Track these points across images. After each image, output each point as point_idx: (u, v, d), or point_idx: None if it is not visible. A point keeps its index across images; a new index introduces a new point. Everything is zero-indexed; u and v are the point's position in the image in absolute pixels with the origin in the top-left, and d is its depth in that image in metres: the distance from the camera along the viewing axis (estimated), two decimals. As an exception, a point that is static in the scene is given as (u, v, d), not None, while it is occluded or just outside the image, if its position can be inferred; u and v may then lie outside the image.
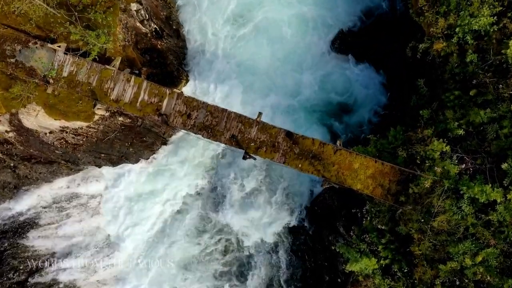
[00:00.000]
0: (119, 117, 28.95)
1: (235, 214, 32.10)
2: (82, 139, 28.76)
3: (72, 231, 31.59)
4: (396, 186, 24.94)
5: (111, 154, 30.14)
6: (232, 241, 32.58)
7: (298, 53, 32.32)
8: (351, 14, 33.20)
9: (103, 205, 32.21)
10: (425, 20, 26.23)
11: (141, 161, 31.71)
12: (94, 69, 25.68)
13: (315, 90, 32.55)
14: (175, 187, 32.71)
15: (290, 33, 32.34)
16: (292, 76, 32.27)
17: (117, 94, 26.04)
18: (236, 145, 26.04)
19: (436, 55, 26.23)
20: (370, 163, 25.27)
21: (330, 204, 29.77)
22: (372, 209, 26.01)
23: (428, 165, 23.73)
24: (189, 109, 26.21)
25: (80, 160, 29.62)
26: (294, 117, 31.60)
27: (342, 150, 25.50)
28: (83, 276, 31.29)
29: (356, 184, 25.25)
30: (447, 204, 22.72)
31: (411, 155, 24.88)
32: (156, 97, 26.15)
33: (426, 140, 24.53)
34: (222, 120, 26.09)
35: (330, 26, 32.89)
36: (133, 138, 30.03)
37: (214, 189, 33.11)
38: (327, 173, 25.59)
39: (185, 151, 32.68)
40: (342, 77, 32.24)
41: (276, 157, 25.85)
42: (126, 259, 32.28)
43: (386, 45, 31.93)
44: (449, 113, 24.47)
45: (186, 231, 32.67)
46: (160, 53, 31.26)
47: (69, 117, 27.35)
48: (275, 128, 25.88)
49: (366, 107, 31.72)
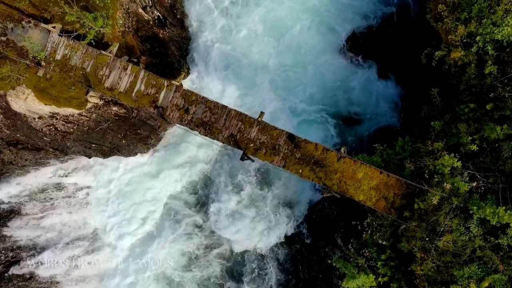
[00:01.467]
0: (113, 107, 27.69)
1: (228, 218, 30.79)
2: (73, 127, 27.49)
3: (56, 223, 30.30)
4: (400, 200, 23.74)
5: (102, 145, 28.87)
6: (223, 246, 31.27)
7: (306, 52, 31.06)
8: (364, 16, 31.91)
9: (91, 198, 30.92)
10: (443, 26, 24.94)
11: (133, 155, 30.38)
12: (89, 53, 24.42)
13: (321, 92, 31.29)
14: (167, 186, 31.39)
15: (301, 30, 31.05)
16: (299, 77, 31.05)
17: (112, 82, 24.79)
18: (234, 144, 24.79)
19: (452, 64, 25.01)
20: (375, 173, 24.05)
21: (329, 214, 28.52)
22: (373, 222, 24.81)
23: (436, 180, 22.58)
24: (187, 103, 24.94)
25: (69, 149, 28.34)
26: (297, 118, 30.33)
27: (346, 158, 24.26)
28: (64, 271, 30.00)
29: (359, 195, 24.03)
30: (454, 224, 21.55)
31: (419, 168, 23.70)
32: (153, 88, 24.90)
33: (436, 153, 23.35)
34: (221, 117, 24.82)
35: (342, 26, 31.58)
36: (126, 129, 28.77)
37: (208, 190, 31.77)
38: (328, 181, 24.34)
39: (180, 147, 31.39)
40: (351, 80, 30.96)
41: (276, 160, 24.61)
42: (111, 256, 30.97)
43: (398, 50, 30.67)
44: (463, 126, 23.26)
45: (175, 235, 31.32)
46: (161, 43, 29.99)
47: (60, 103, 26.14)
48: (277, 130, 24.64)
49: (374, 113, 30.44)
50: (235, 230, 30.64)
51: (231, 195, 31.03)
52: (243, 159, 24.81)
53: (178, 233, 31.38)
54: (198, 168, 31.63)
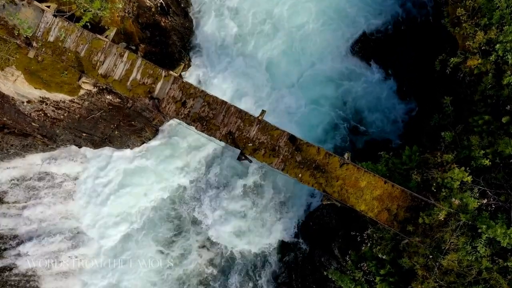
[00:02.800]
0: (107, 95, 26.49)
1: (221, 219, 29.52)
2: (63, 114, 26.29)
3: (40, 214, 29.01)
4: (404, 212, 22.54)
5: (93, 134, 27.64)
6: (213, 249, 29.95)
7: (315, 50, 29.81)
8: (376, 17, 30.67)
9: (78, 189, 29.62)
10: (461, 31, 23.78)
11: (126, 147, 29.13)
12: (85, 37, 23.22)
13: (326, 94, 30.08)
14: (159, 181, 30.08)
15: (312, 27, 29.79)
16: (306, 76, 29.75)
17: (107, 69, 23.59)
18: (232, 143, 23.58)
19: (467, 73, 23.79)
20: (379, 183, 22.84)
21: (327, 222, 27.33)
22: (374, 234, 23.64)
23: (444, 195, 21.41)
24: (185, 96, 23.72)
25: (58, 136, 27.14)
26: (299, 119, 29.10)
27: (350, 165, 23.06)
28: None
29: (360, 204, 22.82)
30: (460, 242, 20.41)
31: (426, 180, 22.53)
32: (150, 78, 23.69)
33: (445, 166, 22.17)
34: (220, 113, 23.61)
35: (353, 27, 30.36)
36: (120, 120, 27.55)
37: (202, 188, 30.47)
38: (329, 188, 23.14)
39: (176, 142, 30.12)
40: (358, 82, 29.78)
41: (275, 162, 23.40)
42: (94, 252, 29.68)
43: (410, 54, 29.48)
44: (475, 139, 22.10)
45: (164, 233, 30.03)
46: (163, 31, 28.76)
47: (51, 88, 25.02)
48: (278, 130, 23.44)
49: (381, 119, 29.25)
50: (227, 232, 29.37)
51: (225, 195, 29.75)
52: (240, 159, 23.63)
53: (167, 232, 30.08)
54: (193, 165, 30.36)
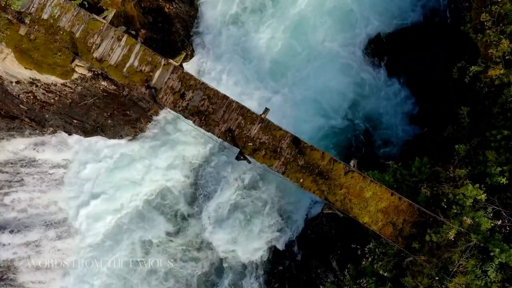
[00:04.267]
0: (102, 81, 25.16)
1: (213, 220, 28.11)
2: (54, 98, 24.95)
3: (23, 202, 27.64)
4: (410, 228, 21.24)
5: (85, 122, 26.31)
6: (202, 252, 28.47)
7: (325, 49, 28.41)
8: (392, 18, 29.30)
9: (65, 178, 28.23)
10: (483, 39, 22.42)
11: (118, 137, 27.74)
12: (81, 17, 21.88)
13: (334, 96, 28.71)
14: (151, 176, 28.68)
15: (323, 25, 28.45)
16: (312, 75, 28.42)
17: (103, 53, 22.24)
18: (231, 141, 22.23)
19: (488, 83, 22.41)
20: (385, 194, 21.53)
21: (326, 231, 26.00)
22: (376, 249, 22.35)
23: (455, 212, 20.21)
24: (184, 87, 22.37)
25: (47, 121, 25.80)
26: (302, 120, 27.75)
27: (355, 173, 21.73)
28: (24, 257, 27.38)
29: (364, 216, 21.51)
30: (470, 264, 19.22)
31: (436, 195, 21.32)
32: (148, 65, 22.35)
33: (458, 181, 20.96)
34: (220, 108, 22.25)
35: (366, 28, 28.95)
36: (114, 109, 26.22)
37: (196, 186, 29.07)
38: (331, 196, 21.80)
39: (172, 136, 28.72)
40: (367, 86, 28.46)
41: (275, 164, 22.07)
42: (78, 246, 28.30)
43: (425, 59, 28.07)
44: (491, 154, 20.84)
45: (152, 232, 28.58)
46: (166, 18, 27.41)
47: (43, 69, 23.73)
48: (281, 131, 22.10)
49: (390, 126, 27.93)
50: (218, 235, 28.00)
51: (220, 195, 28.34)
52: (238, 158, 22.31)
53: (156, 231, 28.69)
54: (188, 161, 28.96)
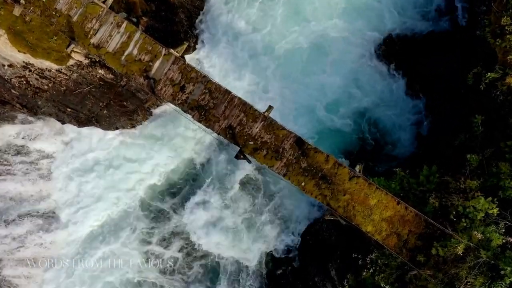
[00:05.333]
0: (99, 69, 24.13)
1: (208, 221, 27.05)
2: (48, 84, 23.93)
3: (9, 191, 26.60)
4: (416, 240, 20.28)
5: (79, 111, 25.29)
6: (194, 254, 27.34)
7: (335, 47, 27.40)
8: (405, 19, 28.27)
9: (56, 169, 27.19)
10: (502, 44, 21.50)
11: (113, 129, 26.70)
12: (80, 0, 20.78)
13: (341, 98, 27.71)
14: (145, 172, 27.63)
15: (335, 22, 27.46)
16: (322, 72, 27.40)
17: (100, 39, 21.24)
18: (231, 139, 21.23)
19: (505, 91, 21.41)
20: (391, 203, 20.54)
21: (326, 238, 25.00)
22: (378, 260, 21.37)
23: (464, 225, 19.32)
24: (184, 79, 21.36)
25: (40, 108, 24.79)
26: (307, 120, 26.75)
27: (360, 179, 20.74)
28: (7, 249, 26.34)
29: (367, 224, 20.52)
30: (478, 282, 18.32)
31: (444, 206, 20.37)
32: (147, 54, 21.35)
33: (468, 193, 20.01)
34: (221, 104, 21.24)
35: (379, 28, 27.96)
36: (110, 99, 25.21)
37: (192, 185, 28.01)
38: (334, 202, 20.80)
39: (170, 130, 27.67)
40: (376, 89, 27.46)
41: (277, 165, 21.07)
42: (65, 242, 27.25)
43: (438, 63, 27.06)
44: (505, 166, 19.92)
45: (143, 231, 27.54)
46: (169, 7, 26.42)
47: (37, 53, 22.71)
48: (284, 130, 21.10)
49: (398, 132, 26.97)
50: (213, 237, 26.93)
51: (217, 195, 27.29)
52: (238, 157, 21.31)
53: (146, 230, 27.65)
54: (185, 158, 27.89)
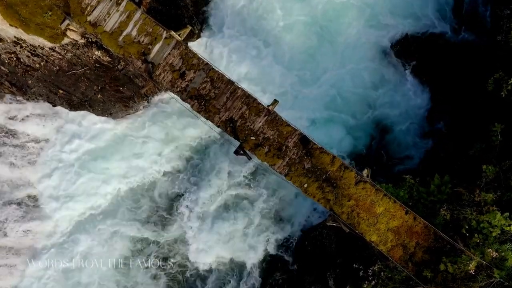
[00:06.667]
0: (96, 51, 22.81)
1: (200, 220, 25.65)
2: (40, 63, 22.62)
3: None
4: (423, 253, 19.01)
5: (72, 94, 23.96)
6: (184, 254, 25.92)
7: (348, 44, 26.18)
8: (423, 19, 26.97)
9: (43, 155, 25.78)
10: (527, 49, 20.07)
11: (107, 115, 25.33)
12: (78, -27, 19.53)
13: (350, 97, 26.46)
14: (138, 163, 26.17)
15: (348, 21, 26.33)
16: (332, 73, 26.12)
17: (98, 17, 19.99)
18: (231, 132, 19.92)
19: (528, 99, 20.15)
20: (399, 212, 19.27)
21: (325, 245, 23.67)
22: (381, 272, 20.07)
23: (476, 241, 18.13)
24: (185, 66, 20.04)
25: (29, 88, 23.47)
26: (312, 118, 25.44)
27: (368, 184, 19.43)
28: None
29: (372, 234, 19.22)
30: (490, 304, 16.74)
31: (456, 219, 19.14)
32: (147, 36, 20.06)
33: (483, 206, 18.80)
34: (223, 94, 19.92)
35: (394, 27, 26.66)
36: (106, 83, 23.89)
37: (186, 179, 26.57)
38: (337, 207, 19.48)
39: (167, 119, 26.28)
40: (388, 89, 26.27)
41: (278, 164, 19.75)
42: (47, 232, 25.85)
43: (455, 67, 25.74)
44: (525, 180, 18.46)
45: (130, 227, 26.13)
46: (175, -11, 24.97)
47: (30, 29, 21.47)
48: (289, 127, 19.80)
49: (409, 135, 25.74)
50: (202, 238, 25.54)
51: (212, 192, 25.88)
52: (237, 153, 20.02)
53: (133, 226, 26.25)
54: (182, 150, 26.46)
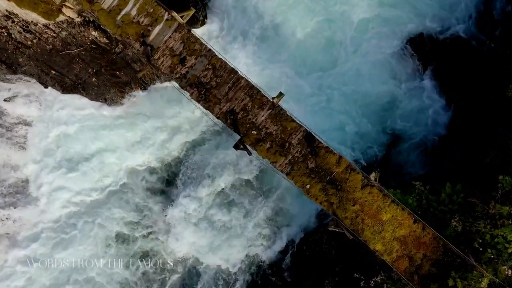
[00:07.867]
0: (93, 31, 21.55)
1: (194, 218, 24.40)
2: (32, 40, 21.37)
3: (-24, 158, 24.04)
4: (430, 266, 17.83)
5: (65, 75, 22.72)
6: (175, 255, 24.67)
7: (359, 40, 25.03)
8: (440, 20, 25.79)
9: (32, 138, 24.53)
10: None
11: (101, 100, 24.04)
12: None
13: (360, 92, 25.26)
14: (131, 153, 24.93)
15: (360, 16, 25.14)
16: (343, 66, 24.96)
17: (95, -7, 18.56)
18: (231, 125, 18.67)
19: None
20: (407, 221, 18.06)
21: (325, 251, 22.44)
22: (384, 284, 18.91)
23: (490, 257, 16.91)
24: (186, 51, 18.77)
25: (20, 66, 22.23)
26: (323, 117, 24.25)
27: (375, 188, 18.20)
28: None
29: (376, 242, 18.00)
30: (501, 325, 15.54)
31: (468, 232, 17.99)
32: (147, 17, 18.79)
33: (498, 220, 17.56)
34: (225, 84, 18.65)
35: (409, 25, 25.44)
36: (102, 66, 22.64)
37: (180, 174, 25.30)
38: (341, 212, 18.24)
39: (165, 108, 25.02)
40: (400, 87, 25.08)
41: (280, 162, 18.50)
42: (34, 220, 24.62)
43: (471, 71, 24.50)
44: (544, 194, 17.22)
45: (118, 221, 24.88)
46: (181, -29, 23.66)
47: (23, 3, 20.34)
48: (294, 123, 18.57)
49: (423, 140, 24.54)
50: (197, 236, 24.29)
51: (207, 189, 24.56)
52: (237, 147, 18.79)
53: (122, 221, 25.00)
54: (178, 142, 25.21)
